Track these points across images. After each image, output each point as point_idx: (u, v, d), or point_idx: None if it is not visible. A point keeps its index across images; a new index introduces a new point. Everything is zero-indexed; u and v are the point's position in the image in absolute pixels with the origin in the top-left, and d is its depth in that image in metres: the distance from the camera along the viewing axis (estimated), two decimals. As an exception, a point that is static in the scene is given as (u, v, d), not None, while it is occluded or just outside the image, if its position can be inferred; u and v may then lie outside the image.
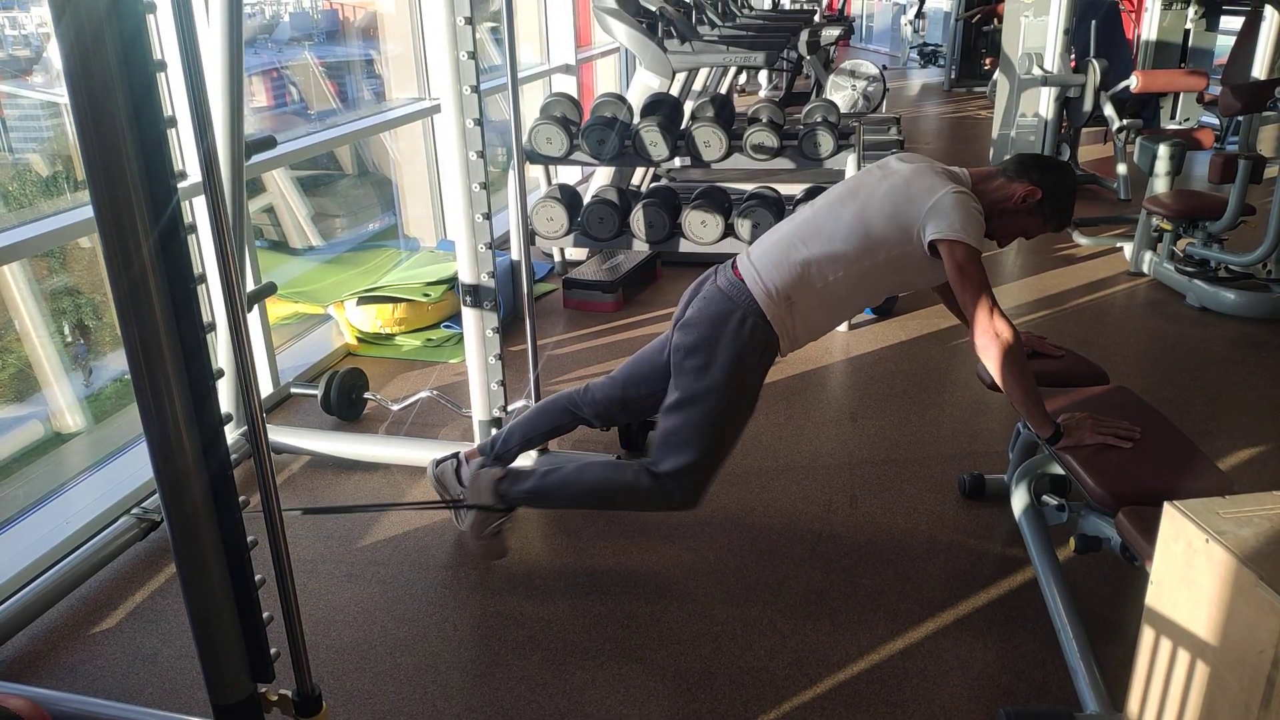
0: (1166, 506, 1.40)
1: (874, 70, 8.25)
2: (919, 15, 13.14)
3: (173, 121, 1.22)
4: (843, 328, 3.86)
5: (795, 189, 4.29)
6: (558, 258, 4.66)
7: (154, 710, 1.86)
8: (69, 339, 3.55)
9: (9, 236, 2.36)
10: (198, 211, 2.83)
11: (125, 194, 1.18)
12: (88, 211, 2.46)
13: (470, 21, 2.35)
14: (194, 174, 2.44)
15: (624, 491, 2.19)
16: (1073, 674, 1.90)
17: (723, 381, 2.10)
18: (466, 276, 2.60)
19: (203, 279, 1.30)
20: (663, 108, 4.14)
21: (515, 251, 4.10)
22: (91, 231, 2.50)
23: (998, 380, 2.05)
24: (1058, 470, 2.22)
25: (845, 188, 2.21)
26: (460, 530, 2.41)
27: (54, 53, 3.83)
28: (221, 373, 1.34)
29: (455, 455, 2.46)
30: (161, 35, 1.20)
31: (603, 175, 4.64)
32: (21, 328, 3.22)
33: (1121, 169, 5.71)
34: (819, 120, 4.01)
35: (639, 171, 5.13)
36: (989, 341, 2.00)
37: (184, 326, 1.27)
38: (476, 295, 2.62)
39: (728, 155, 3.87)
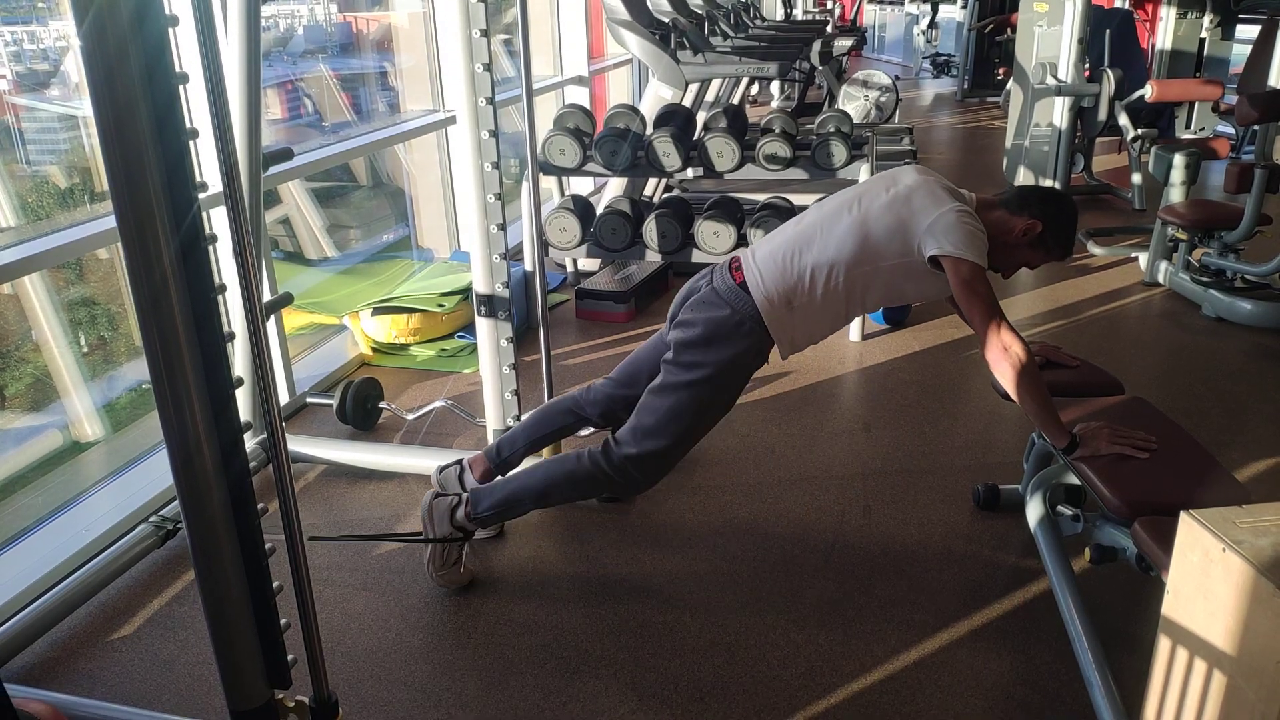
0: (1183, 516, 1.39)
1: (886, 80, 8.26)
2: (931, 25, 13.14)
3: (195, 133, 1.24)
4: (855, 337, 3.85)
5: (808, 199, 4.29)
6: (570, 268, 4.68)
7: (172, 716, 1.87)
8: (86, 349, 3.59)
9: (29, 248, 2.38)
10: (216, 222, 2.86)
11: (148, 204, 1.20)
12: (106, 223, 2.50)
13: (485, 34, 2.37)
14: (214, 185, 2.47)
15: (584, 480, 2.25)
16: (1088, 685, 1.89)
17: (710, 380, 2.16)
18: (481, 287, 2.62)
19: (223, 288, 1.31)
20: (675, 119, 4.16)
21: (529, 262, 4.13)
22: (109, 243, 2.53)
23: (1012, 394, 2.05)
24: (1073, 480, 2.21)
25: (851, 194, 2.22)
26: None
27: (71, 66, 3.88)
28: (240, 381, 1.35)
29: (459, 461, 2.48)
30: (181, 49, 1.22)
31: (615, 186, 4.66)
32: (40, 337, 3.26)
33: (1136, 178, 5.69)
34: (832, 130, 4.02)
35: (651, 182, 5.15)
36: (999, 356, 2.01)
37: (204, 335, 1.28)
38: (491, 305, 2.63)
39: (740, 166, 3.88)
